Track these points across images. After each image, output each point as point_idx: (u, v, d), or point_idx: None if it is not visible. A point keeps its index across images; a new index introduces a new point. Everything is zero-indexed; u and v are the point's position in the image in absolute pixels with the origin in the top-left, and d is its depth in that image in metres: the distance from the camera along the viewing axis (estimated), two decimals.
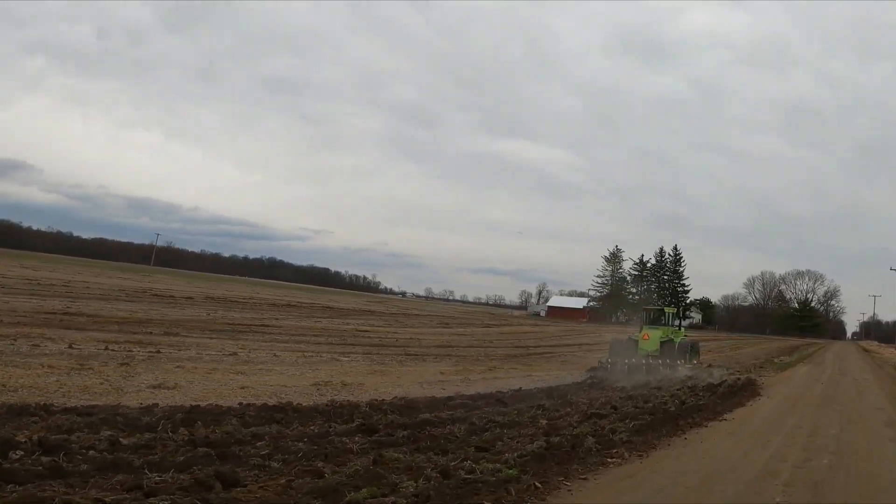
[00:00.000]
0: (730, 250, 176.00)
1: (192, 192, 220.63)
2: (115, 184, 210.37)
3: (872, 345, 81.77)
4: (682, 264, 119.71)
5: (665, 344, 20.83)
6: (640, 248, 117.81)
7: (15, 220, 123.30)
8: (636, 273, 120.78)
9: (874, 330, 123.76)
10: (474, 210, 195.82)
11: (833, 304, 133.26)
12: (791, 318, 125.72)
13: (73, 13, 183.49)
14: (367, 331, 28.96)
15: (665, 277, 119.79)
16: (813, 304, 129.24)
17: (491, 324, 54.16)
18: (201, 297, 36.98)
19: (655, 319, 23.55)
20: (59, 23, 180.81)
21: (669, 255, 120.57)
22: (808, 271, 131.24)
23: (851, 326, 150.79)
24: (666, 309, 24.37)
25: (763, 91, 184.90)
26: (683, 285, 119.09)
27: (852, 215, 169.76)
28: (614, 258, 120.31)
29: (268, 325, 25.43)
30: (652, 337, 21.47)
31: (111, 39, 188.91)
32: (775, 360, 28.78)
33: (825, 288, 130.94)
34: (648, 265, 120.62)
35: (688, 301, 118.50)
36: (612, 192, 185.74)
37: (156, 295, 33.87)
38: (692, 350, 22.04)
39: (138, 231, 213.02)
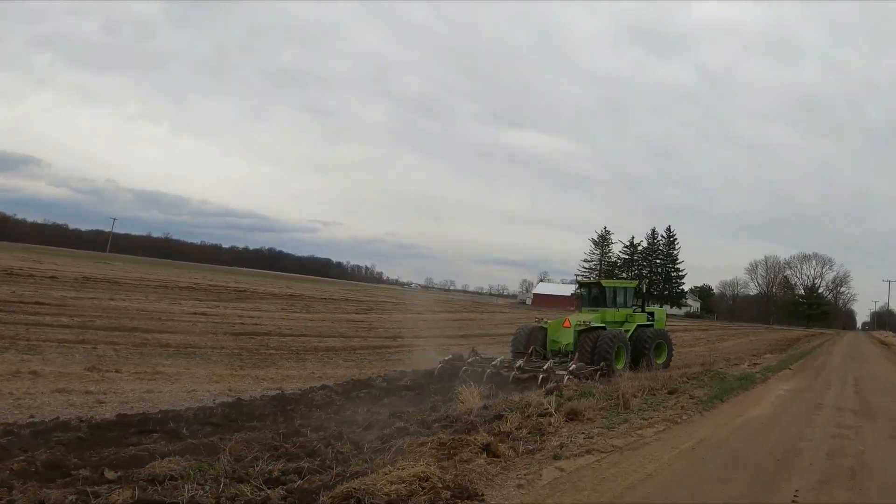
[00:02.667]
0: (739, 241, 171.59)
1: (201, 184, 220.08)
2: (123, 177, 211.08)
3: (889, 336, 72.81)
4: (676, 247, 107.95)
5: (586, 335, 15.10)
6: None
7: (27, 214, 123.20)
8: (626, 257, 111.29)
9: (887, 319, 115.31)
10: (484, 201, 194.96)
11: (843, 292, 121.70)
12: (797, 306, 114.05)
13: (80, 8, 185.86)
14: (205, 313, 22.74)
15: (658, 261, 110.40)
16: (821, 291, 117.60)
17: (436, 311, 47.26)
18: (79, 277, 31.93)
19: (597, 299, 17.48)
20: (67, 18, 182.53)
21: (662, 236, 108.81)
22: (816, 255, 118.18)
23: (862, 316, 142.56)
24: (604, 283, 17.77)
25: (772, 81, 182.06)
26: (678, 270, 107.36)
27: (864, 205, 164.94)
28: (603, 241, 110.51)
29: (44, 304, 19.50)
30: (573, 324, 15.75)
31: (119, 34, 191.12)
32: (737, 368, 16.40)
33: (834, 273, 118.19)
34: (639, 248, 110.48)
35: (682, 287, 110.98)
36: (622, 182, 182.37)
37: (9, 275, 29.65)
38: (646, 345, 16.32)
39: (146, 224, 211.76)
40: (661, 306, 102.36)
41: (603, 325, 15.89)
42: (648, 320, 17.84)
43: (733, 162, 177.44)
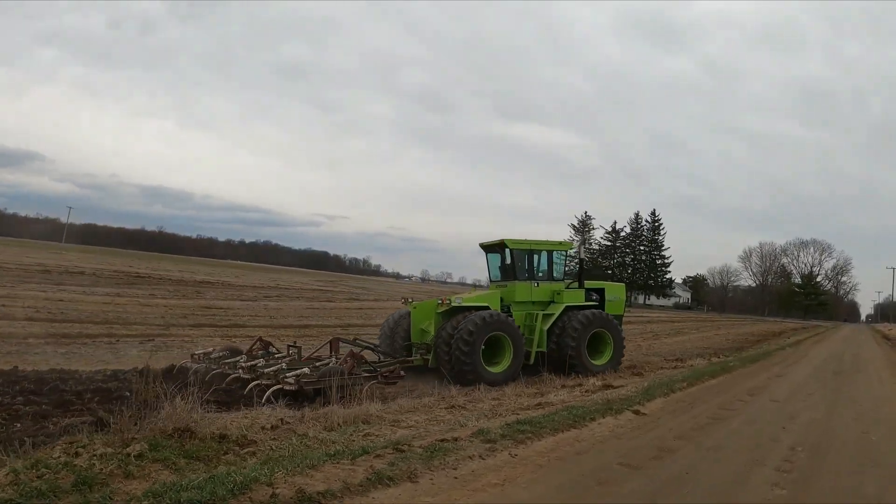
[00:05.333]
0: (741, 232, 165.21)
1: (206, 179, 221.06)
2: (127, 172, 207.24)
3: (893, 329, 61.16)
4: (662, 232, 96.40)
5: (447, 320, 10.64)
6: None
7: (31, 210, 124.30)
8: (609, 243, 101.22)
9: (892, 312, 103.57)
10: (490, 194, 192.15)
11: (844, 281, 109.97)
12: (793, 297, 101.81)
13: (83, 4, 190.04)
14: (7, 296, 18.14)
15: (641, 248, 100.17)
16: (819, 280, 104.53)
17: (361, 298, 38.23)
18: None
19: (506, 270, 12.58)
20: (70, 14, 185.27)
21: (646, 221, 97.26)
22: (814, 241, 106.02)
23: (867, 309, 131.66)
24: (509, 243, 12.16)
25: (776, 73, 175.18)
26: (663, 256, 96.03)
27: (868, 197, 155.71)
28: (584, 227, 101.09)
29: None
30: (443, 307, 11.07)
31: (123, 30, 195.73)
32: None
33: (834, 261, 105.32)
34: (622, 234, 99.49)
35: (667, 275, 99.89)
36: (626, 174, 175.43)
37: None
38: (571, 337, 11.49)
39: (150, 218, 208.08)
40: (650, 291, 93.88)
41: (486, 304, 11.19)
42: (590, 300, 12.68)
43: (737, 154, 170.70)
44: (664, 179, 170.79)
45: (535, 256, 12.30)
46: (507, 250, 12.09)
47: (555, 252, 12.65)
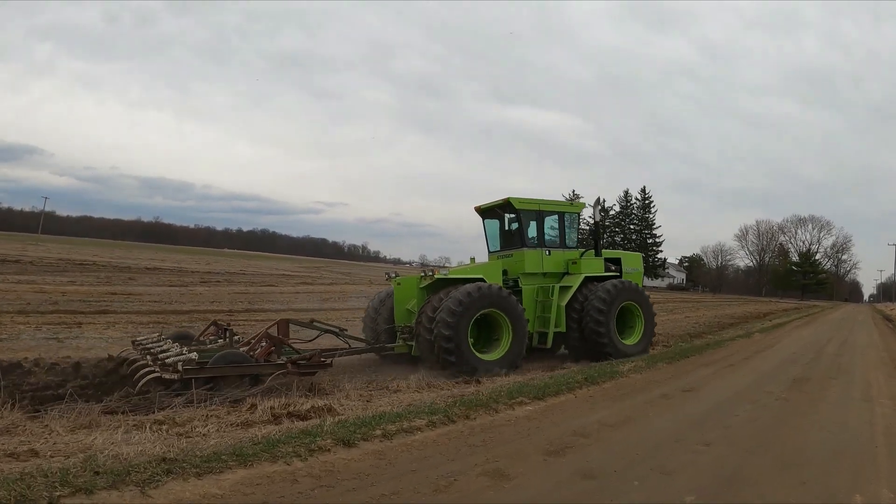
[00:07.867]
0: (740, 214, 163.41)
1: (206, 169, 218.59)
2: (127, 164, 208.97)
3: None
4: (652, 210, 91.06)
5: (431, 296, 8.92)
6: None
7: (30, 204, 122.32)
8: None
9: (895, 290, 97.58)
10: (488, 178, 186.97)
11: (844, 260, 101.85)
12: (791, 276, 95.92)
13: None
14: None
15: (632, 227, 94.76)
16: (818, 258, 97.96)
17: (314, 283, 34.47)
18: None
19: (510, 236, 10.62)
20: (66, 8, 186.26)
21: (636, 199, 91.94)
22: (812, 217, 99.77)
23: (868, 289, 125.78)
24: (514, 202, 10.13)
25: (773, 55, 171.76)
26: (654, 236, 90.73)
27: (867, 178, 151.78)
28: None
29: None
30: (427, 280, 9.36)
31: (119, 22, 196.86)
32: None
33: (833, 238, 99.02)
34: (611, 212, 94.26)
35: (659, 255, 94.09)
36: (624, 157, 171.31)
37: None
38: (596, 315, 9.89)
39: (151, 210, 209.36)
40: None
41: (479, 276, 9.27)
42: (610, 271, 10.97)
43: (737, 136, 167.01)
44: (663, 162, 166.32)
45: (546, 219, 10.60)
46: (514, 212, 10.30)
47: (566, 214, 10.86)
